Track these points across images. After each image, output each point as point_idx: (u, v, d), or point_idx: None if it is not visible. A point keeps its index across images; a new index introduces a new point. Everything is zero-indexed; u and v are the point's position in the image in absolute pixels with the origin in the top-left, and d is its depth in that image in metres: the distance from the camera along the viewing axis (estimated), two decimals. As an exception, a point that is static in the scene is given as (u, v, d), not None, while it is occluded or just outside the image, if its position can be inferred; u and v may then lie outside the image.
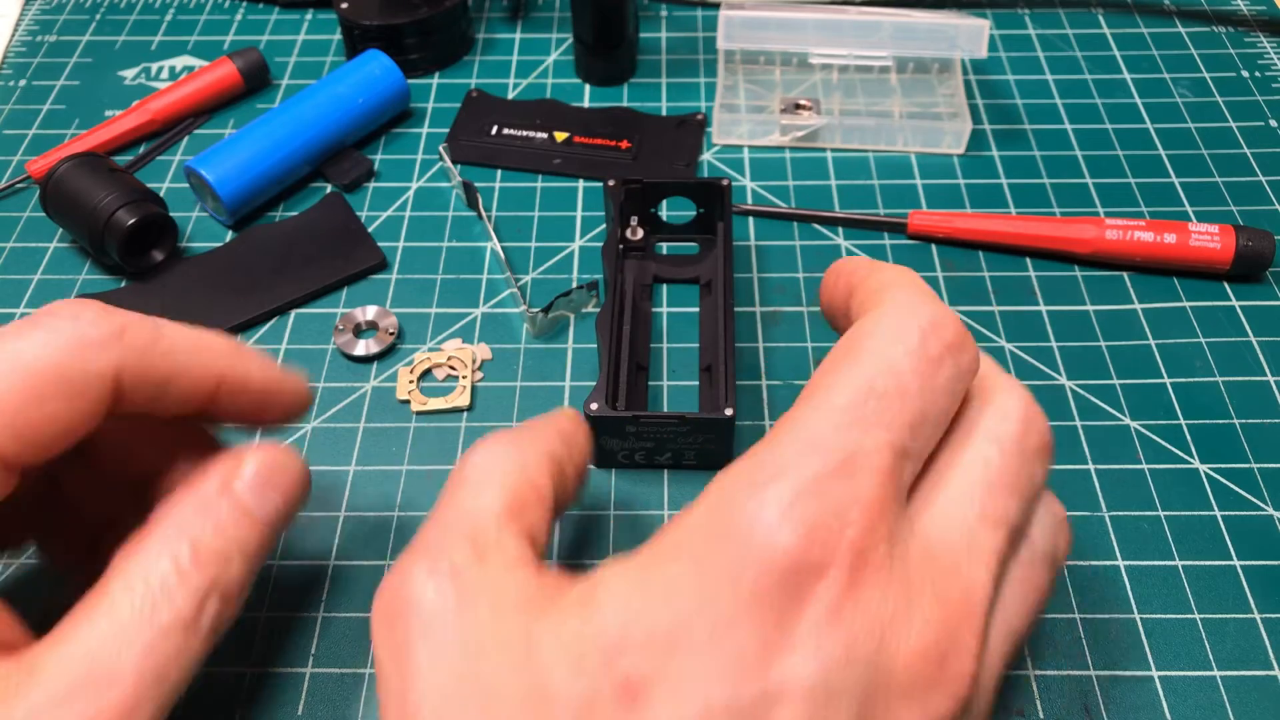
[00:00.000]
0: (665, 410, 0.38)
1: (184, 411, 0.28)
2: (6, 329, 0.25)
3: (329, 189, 0.47)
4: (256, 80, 0.52)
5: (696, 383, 0.39)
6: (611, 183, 0.41)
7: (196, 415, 0.28)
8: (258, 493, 0.27)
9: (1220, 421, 0.38)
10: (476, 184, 0.46)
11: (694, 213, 0.43)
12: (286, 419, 0.30)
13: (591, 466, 0.37)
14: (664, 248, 0.44)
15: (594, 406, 0.34)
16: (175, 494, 0.27)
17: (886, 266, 0.27)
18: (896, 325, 0.24)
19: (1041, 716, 0.31)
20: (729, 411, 0.34)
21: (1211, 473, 0.36)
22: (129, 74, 0.54)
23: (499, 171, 0.48)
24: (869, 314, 0.24)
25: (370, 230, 0.45)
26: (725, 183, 0.41)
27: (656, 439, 0.35)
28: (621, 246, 0.42)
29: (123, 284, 0.43)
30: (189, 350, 0.27)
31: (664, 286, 0.43)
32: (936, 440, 0.23)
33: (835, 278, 0.29)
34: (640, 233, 0.43)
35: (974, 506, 0.23)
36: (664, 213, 0.43)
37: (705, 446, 0.36)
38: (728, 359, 0.36)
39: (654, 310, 0.42)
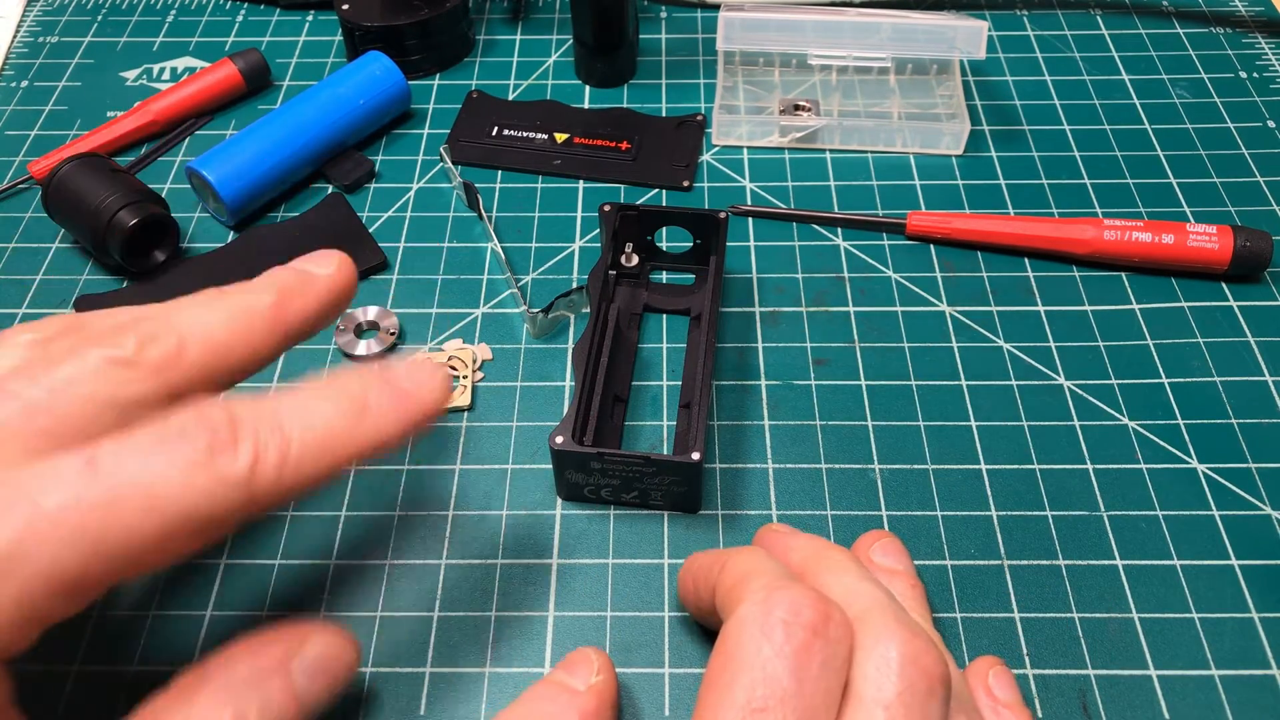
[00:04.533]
0: (639, 448, 0.37)
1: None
2: (142, 445, 0.23)
3: (330, 190, 0.47)
4: (258, 81, 0.52)
5: (675, 421, 0.38)
6: (607, 207, 0.41)
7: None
8: (310, 678, 0.27)
9: (1218, 421, 0.38)
10: (477, 185, 0.46)
11: (691, 242, 0.42)
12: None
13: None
14: (664, 275, 0.43)
15: (559, 440, 0.33)
16: (233, 652, 0.26)
17: (734, 555, 0.28)
18: (759, 624, 0.24)
19: (1040, 715, 0.31)
20: (695, 456, 0.33)
21: (1209, 472, 0.37)
22: (130, 75, 0.54)
23: (499, 172, 0.48)
24: (732, 615, 0.25)
25: (371, 231, 0.45)
26: (722, 215, 0.40)
27: (623, 477, 0.34)
28: (614, 273, 0.41)
29: (124, 284, 0.43)
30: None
31: (663, 317, 0.42)
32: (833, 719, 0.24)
33: (690, 582, 0.30)
34: (635, 259, 0.42)
35: None
36: (662, 241, 0.43)
37: (672, 489, 0.35)
38: (703, 399, 0.35)
39: (649, 342, 0.41)
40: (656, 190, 0.47)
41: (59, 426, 0.24)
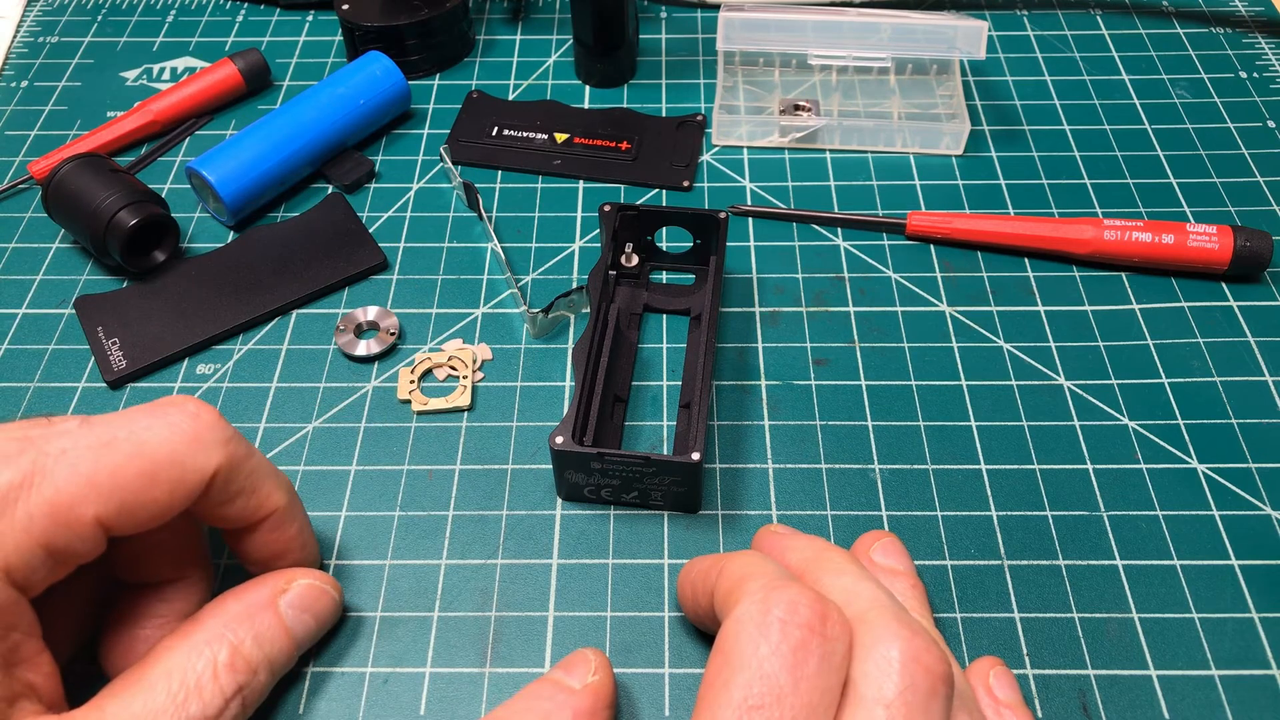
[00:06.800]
0: (639, 448, 0.37)
1: (230, 526, 0.30)
2: (133, 413, 0.28)
3: (330, 190, 0.47)
4: (258, 81, 0.52)
5: (675, 421, 0.38)
6: (607, 208, 0.41)
7: (232, 534, 0.31)
8: (298, 612, 0.30)
9: (1218, 421, 0.38)
10: (477, 185, 0.46)
11: (691, 242, 0.42)
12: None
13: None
14: (664, 275, 0.43)
15: (559, 440, 0.33)
16: (225, 595, 0.30)
17: (732, 558, 0.28)
18: (756, 624, 0.25)
19: (1040, 715, 0.31)
20: (695, 456, 0.33)
21: (1209, 472, 0.37)
22: (131, 75, 0.54)
23: (499, 172, 0.48)
24: (730, 615, 0.26)
25: (371, 231, 0.45)
26: (722, 215, 0.40)
27: (623, 478, 0.34)
28: (614, 273, 0.41)
29: (124, 285, 0.43)
30: (265, 476, 0.30)
31: (663, 317, 0.42)
32: (831, 717, 0.24)
33: (688, 587, 0.30)
34: (635, 259, 0.42)
35: None
36: (663, 241, 0.43)
37: (672, 489, 0.35)
38: (703, 399, 0.35)
39: (649, 342, 0.41)
40: (656, 190, 0.47)
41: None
